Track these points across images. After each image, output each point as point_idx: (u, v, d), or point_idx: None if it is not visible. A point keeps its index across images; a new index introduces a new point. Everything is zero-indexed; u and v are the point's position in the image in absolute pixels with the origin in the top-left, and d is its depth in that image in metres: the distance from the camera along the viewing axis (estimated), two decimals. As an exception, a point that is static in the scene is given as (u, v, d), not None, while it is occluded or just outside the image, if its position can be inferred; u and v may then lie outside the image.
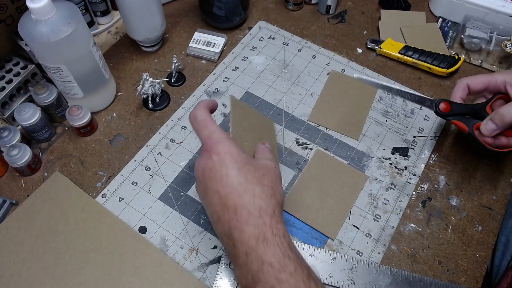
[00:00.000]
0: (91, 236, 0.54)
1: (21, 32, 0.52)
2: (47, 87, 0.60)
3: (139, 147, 0.62)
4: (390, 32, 0.74)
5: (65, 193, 0.57)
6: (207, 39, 0.72)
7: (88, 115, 0.61)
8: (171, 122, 0.64)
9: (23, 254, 0.53)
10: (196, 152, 0.61)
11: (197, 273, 0.51)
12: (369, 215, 0.56)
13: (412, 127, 0.64)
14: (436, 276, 0.51)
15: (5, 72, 0.62)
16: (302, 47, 0.73)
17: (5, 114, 0.62)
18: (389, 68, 0.71)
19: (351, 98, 0.66)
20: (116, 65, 0.71)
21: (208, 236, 0.54)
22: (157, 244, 0.54)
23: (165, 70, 0.71)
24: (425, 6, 0.80)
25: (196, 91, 0.68)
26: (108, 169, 0.60)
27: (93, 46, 0.58)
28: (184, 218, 0.56)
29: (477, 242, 0.54)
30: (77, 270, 0.51)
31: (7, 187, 0.59)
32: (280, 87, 0.68)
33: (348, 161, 0.60)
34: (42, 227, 0.54)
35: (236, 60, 0.72)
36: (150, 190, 0.58)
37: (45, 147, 0.62)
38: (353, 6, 0.80)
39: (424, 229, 0.55)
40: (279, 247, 0.37)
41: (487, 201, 0.57)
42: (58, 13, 0.52)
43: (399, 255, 0.53)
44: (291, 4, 0.78)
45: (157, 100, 0.66)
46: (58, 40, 0.51)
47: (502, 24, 0.71)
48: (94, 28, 0.75)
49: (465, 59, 0.71)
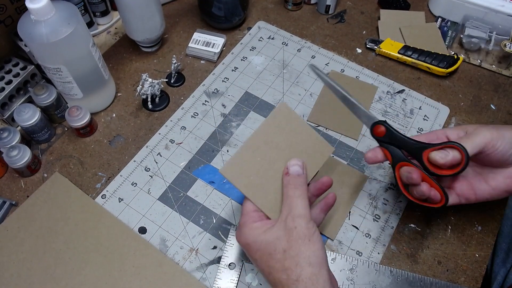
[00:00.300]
0: (91, 237, 0.54)
1: (21, 33, 0.52)
2: (47, 87, 0.60)
3: (138, 148, 0.62)
4: (390, 32, 0.74)
5: (64, 194, 0.57)
6: (206, 40, 0.72)
7: (88, 115, 0.61)
8: (170, 122, 0.64)
9: (23, 254, 0.53)
10: (196, 153, 0.61)
11: (196, 274, 0.51)
12: (368, 215, 0.56)
13: (412, 127, 0.64)
14: (435, 276, 0.52)
15: (4, 73, 0.62)
16: (301, 47, 0.73)
17: (4, 115, 0.62)
18: (389, 68, 0.71)
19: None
20: (115, 66, 0.71)
21: (207, 237, 0.54)
22: (157, 244, 0.54)
23: (165, 71, 0.71)
24: (425, 6, 0.80)
25: (196, 92, 0.68)
26: (108, 170, 0.60)
27: (93, 46, 0.58)
28: (183, 219, 0.56)
29: (476, 242, 0.54)
30: (77, 270, 0.51)
31: (6, 188, 0.59)
32: (280, 87, 0.68)
33: (348, 161, 0.60)
34: (42, 228, 0.54)
35: (236, 60, 0.72)
36: (150, 190, 0.58)
37: (45, 148, 0.62)
38: (353, 6, 0.80)
39: (423, 229, 0.55)
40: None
41: (486, 201, 0.57)
42: (58, 14, 0.52)
43: (398, 255, 0.53)
44: (290, 4, 0.78)
45: (156, 100, 0.66)
46: (58, 40, 0.51)
47: (502, 23, 0.71)
48: (93, 28, 0.75)
49: (465, 59, 0.71)
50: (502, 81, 0.69)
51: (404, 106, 0.66)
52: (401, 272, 0.51)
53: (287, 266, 0.38)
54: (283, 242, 0.39)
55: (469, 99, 0.67)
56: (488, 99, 0.67)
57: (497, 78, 0.70)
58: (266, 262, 0.40)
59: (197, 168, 0.60)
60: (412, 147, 0.47)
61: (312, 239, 0.39)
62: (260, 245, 0.40)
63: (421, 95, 0.67)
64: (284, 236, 0.40)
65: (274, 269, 0.39)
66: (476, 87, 0.69)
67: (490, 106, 0.66)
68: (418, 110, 0.65)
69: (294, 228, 0.39)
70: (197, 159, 0.61)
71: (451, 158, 0.44)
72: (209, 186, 0.58)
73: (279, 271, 0.39)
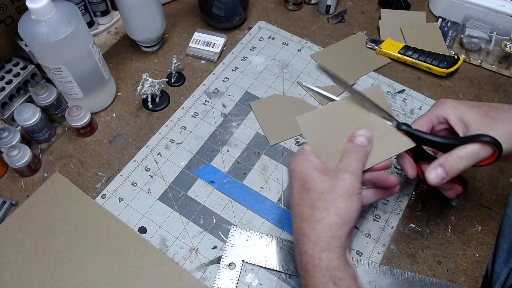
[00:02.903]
0: (91, 237, 0.54)
1: (21, 33, 0.52)
2: (47, 87, 0.60)
3: (138, 148, 0.62)
4: (390, 32, 0.74)
5: (65, 193, 0.57)
6: (206, 39, 0.72)
7: (88, 115, 0.61)
8: (170, 122, 0.64)
9: (23, 254, 0.53)
10: (196, 153, 0.61)
11: (196, 274, 0.51)
12: (368, 215, 0.56)
13: (412, 127, 0.64)
14: (435, 276, 0.52)
15: (4, 73, 0.62)
16: (301, 47, 0.73)
17: (5, 114, 0.62)
18: (389, 68, 0.71)
19: None
20: (115, 66, 0.71)
21: (207, 237, 0.54)
22: (157, 244, 0.54)
23: (165, 70, 0.71)
24: (425, 6, 0.80)
25: (196, 91, 0.68)
26: (108, 170, 0.60)
27: (93, 46, 0.58)
28: (183, 219, 0.56)
29: (476, 242, 0.54)
30: (77, 270, 0.51)
31: (7, 188, 0.59)
32: (280, 87, 0.68)
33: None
34: (42, 228, 0.54)
35: (236, 60, 0.72)
36: (150, 190, 0.58)
37: (45, 147, 0.62)
38: (353, 6, 0.80)
39: (423, 229, 0.55)
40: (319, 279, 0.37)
41: (486, 201, 0.57)
42: (58, 13, 0.52)
43: (398, 255, 0.53)
44: (290, 4, 0.78)
45: (156, 100, 0.66)
46: (58, 40, 0.51)
47: (502, 24, 0.71)
48: (93, 28, 0.75)
49: (465, 59, 0.71)
50: (502, 81, 0.69)
51: (405, 106, 0.66)
52: (401, 272, 0.51)
53: (317, 205, 0.39)
54: (325, 185, 0.40)
55: (470, 99, 0.67)
56: (489, 99, 0.67)
57: (498, 78, 0.70)
58: (301, 193, 0.41)
59: (197, 168, 0.60)
60: (438, 146, 0.44)
61: (352, 198, 0.39)
62: (304, 177, 0.41)
63: (421, 95, 0.67)
64: (329, 181, 0.40)
65: (305, 202, 0.40)
66: (476, 87, 0.69)
67: (490, 106, 0.66)
68: (419, 110, 0.65)
69: (342, 179, 0.40)
70: (197, 159, 0.61)
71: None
72: (209, 186, 0.58)
73: (308, 206, 0.40)
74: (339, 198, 0.39)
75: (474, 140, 0.41)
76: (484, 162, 0.42)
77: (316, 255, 0.38)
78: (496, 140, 0.40)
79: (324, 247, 0.38)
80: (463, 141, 0.42)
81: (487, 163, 0.42)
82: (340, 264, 0.37)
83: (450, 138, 0.43)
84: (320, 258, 0.37)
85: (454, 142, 0.42)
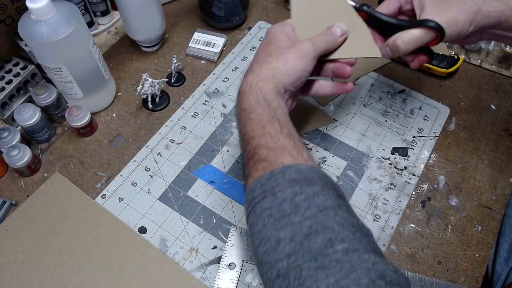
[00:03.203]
0: (91, 237, 0.54)
1: (21, 32, 0.52)
2: (47, 87, 0.60)
3: (138, 148, 0.62)
4: (390, 32, 0.74)
5: (65, 193, 0.57)
6: (206, 39, 0.72)
7: (88, 115, 0.61)
8: (170, 122, 0.64)
9: (23, 254, 0.53)
10: (196, 153, 0.61)
11: (196, 274, 0.51)
12: (368, 215, 0.56)
13: (412, 127, 0.64)
14: (436, 276, 0.52)
15: (4, 73, 0.62)
16: (301, 47, 0.73)
17: (5, 114, 0.62)
18: (389, 68, 0.71)
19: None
20: (115, 66, 0.71)
21: (207, 237, 0.54)
22: (157, 244, 0.54)
23: (165, 70, 0.71)
24: (425, 6, 0.80)
25: (196, 91, 0.68)
26: (108, 170, 0.60)
27: (93, 46, 0.58)
28: (183, 219, 0.56)
29: (476, 242, 0.54)
30: (77, 270, 0.51)
31: (7, 188, 0.59)
32: (280, 87, 0.68)
33: (348, 161, 0.60)
34: (42, 228, 0.54)
35: (236, 60, 0.72)
36: (150, 190, 0.58)
37: (45, 147, 0.62)
38: (353, 6, 0.80)
39: (423, 229, 0.55)
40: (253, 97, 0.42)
41: (486, 201, 0.57)
42: (58, 13, 0.52)
43: (398, 255, 0.53)
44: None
45: (156, 100, 0.66)
46: (58, 40, 0.51)
47: (502, 24, 0.71)
48: (93, 28, 0.75)
49: (465, 59, 0.71)
50: (502, 81, 0.69)
51: (405, 106, 0.66)
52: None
53: (271, 54, 0.44)
54: (286, 44, 0.45)
55: (470, 99, 0.67)
56: (489, 99, 0.67)
57: (498, 78, 0.70)
58: (263, 46, 0.46)
59: (197, 168, 0.60)
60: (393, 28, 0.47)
61: (303, 59, 0.43)
62: (272, 37, 0.46)
63: (421, 95, 0.67)
64: (290, 41, 0.45)
65: (263, 52, 0.45)
66: (476, 87, 0.69)
67: (490, 106, 0.66)
68: (419, 110, 0.65)
69: (301, 43, 0.44)
70: (197, 159, 0.61)
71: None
72: (209, 186, 0.58)
73: (264, 53, 0.45)
74: (291, 53, 0.44)
75: (421, 25, 0.44)
76: (429, 44, 0.46)
77: (254, 82, 0.43)
78: (439, 26, 0.43)
79: (263, 79, 0.43)
80: (412, 25, 0.45)
81: (431, 45, 0.46)
82: (274, 95, 0.42)
83: (402, 20, 0.47)
84: (257, 85, 0.42)
85: (405, 25, 0.46)
